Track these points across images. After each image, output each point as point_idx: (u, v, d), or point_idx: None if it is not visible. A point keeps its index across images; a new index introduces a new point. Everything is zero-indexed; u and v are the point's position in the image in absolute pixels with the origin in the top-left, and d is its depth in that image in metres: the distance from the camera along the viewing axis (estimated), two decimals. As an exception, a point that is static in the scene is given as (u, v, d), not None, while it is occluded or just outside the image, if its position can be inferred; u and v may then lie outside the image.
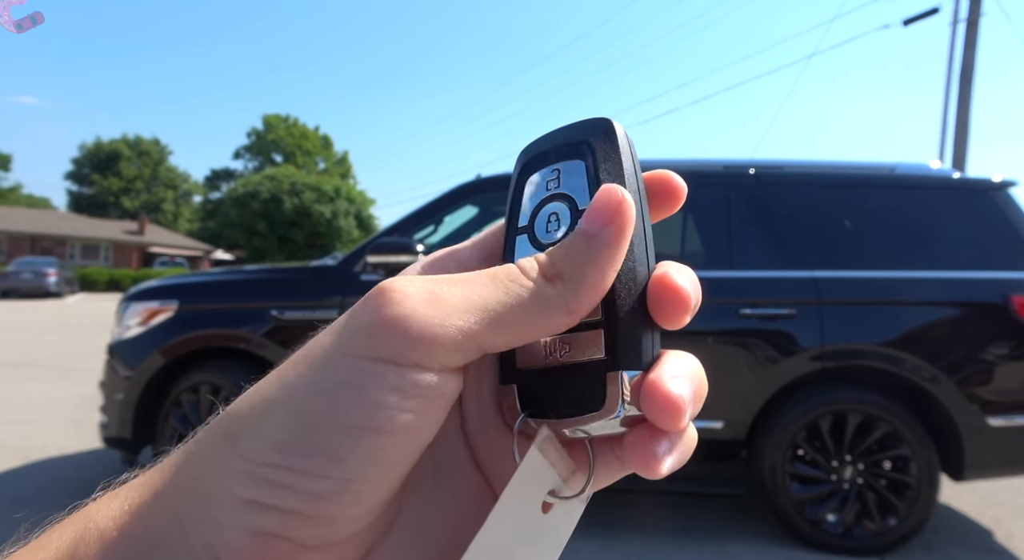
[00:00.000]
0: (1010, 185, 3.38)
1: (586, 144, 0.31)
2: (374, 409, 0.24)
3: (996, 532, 3.51)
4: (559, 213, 0.31)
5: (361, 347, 0.25)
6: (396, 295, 0.26)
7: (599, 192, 0.29)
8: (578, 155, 0.31)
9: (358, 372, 0.25)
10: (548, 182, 0.32)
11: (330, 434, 0.24)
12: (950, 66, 12.03)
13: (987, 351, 3.16)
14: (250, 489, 0.24)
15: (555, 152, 0.32)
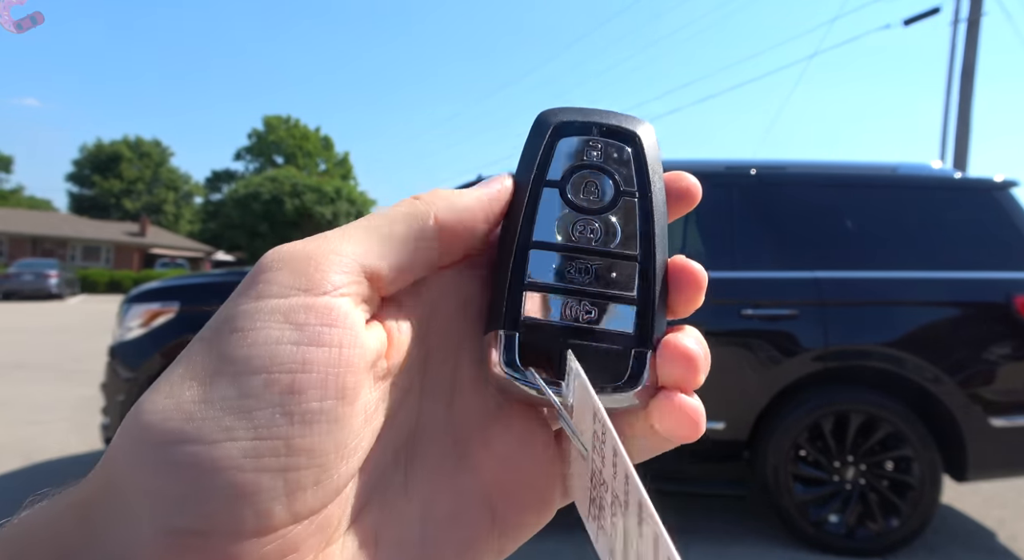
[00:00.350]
0: (1012, 185, 3.37)
1: (633, 135, 0.33)
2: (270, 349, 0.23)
3: (999, 533, 3.50)
4: (598, 182, 0.32)
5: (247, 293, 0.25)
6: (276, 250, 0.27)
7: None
8: (626, 141, 0.32)
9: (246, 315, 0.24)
10: (589, 150, 0.32)
11: (230, 385, 0.23)
12: (951, 66, 12.02)
13: (990, 351, 3.16)
14: (150, 479, 0.22)
15: (598, 128, 0.33)
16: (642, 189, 0.32)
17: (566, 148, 0.32)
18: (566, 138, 0.32)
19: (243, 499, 0.22)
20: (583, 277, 0.30)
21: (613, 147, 0.32)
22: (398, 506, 0.28)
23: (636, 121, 0.33)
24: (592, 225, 0.31)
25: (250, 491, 0.22)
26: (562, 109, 0.34)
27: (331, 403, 0.24)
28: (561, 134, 0.32)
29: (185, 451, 0.22)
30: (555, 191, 0.31)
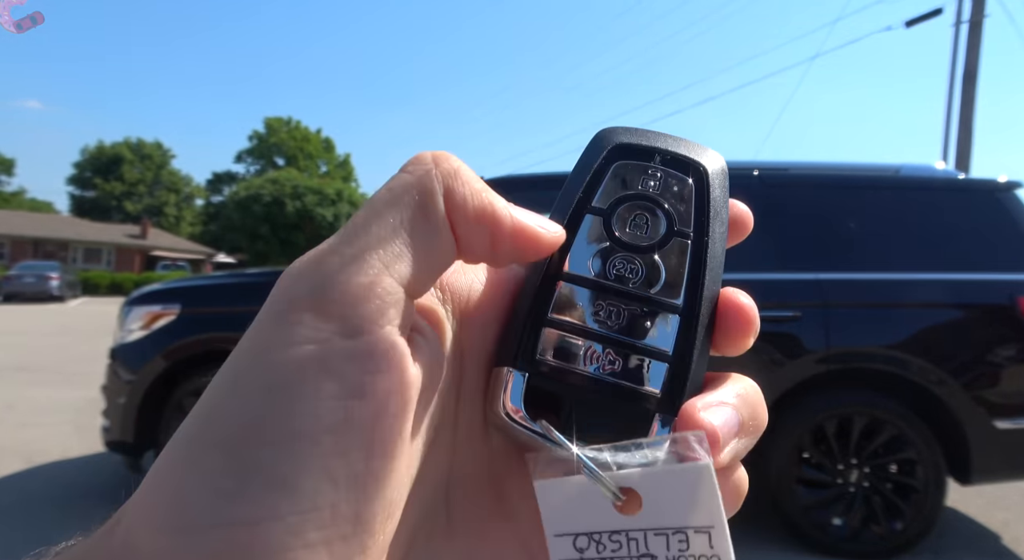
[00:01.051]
0: (1016, 186, 3.36)
1: (700, 167, 0.29)
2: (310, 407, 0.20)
3: (1003, 536, 3.49)
4: (650, 218, 0.28)
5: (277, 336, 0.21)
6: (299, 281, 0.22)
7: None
8: (688, 173, 0.29)
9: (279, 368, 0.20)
10: (645, 180, 0.29)
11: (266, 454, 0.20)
12: (953, 67, 12.01)
13: (994, 353, 3.15)
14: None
15: (662, 155, 0.29)
16: (699, 230, 0.28)
17: (620, 173, 0.29)
18: (622, 162, 0.29)
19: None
20: (613, 321, 0.27)
21: (673, 179, 0.29)
22: (441, 551, 0.26)
23: (705, 151, 0.30)
24: (633, 263, 0.27)
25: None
26: (624, 129, 0.30)
27: (377, 462, 0.21)
28: (617, 157, 0.29)
29: (226, 536, 0.19)
30: (599, 220, 0.28)
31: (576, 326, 0.26)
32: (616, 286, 0.27)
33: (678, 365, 0.26)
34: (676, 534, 0.24)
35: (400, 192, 0.23)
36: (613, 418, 0.26)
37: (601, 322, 0.27)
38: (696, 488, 0.24)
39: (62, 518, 3.31)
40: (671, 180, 0.29)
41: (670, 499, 0.24)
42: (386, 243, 0.23)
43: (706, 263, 0.28)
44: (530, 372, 0.26)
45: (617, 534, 0.24)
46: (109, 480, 4.00)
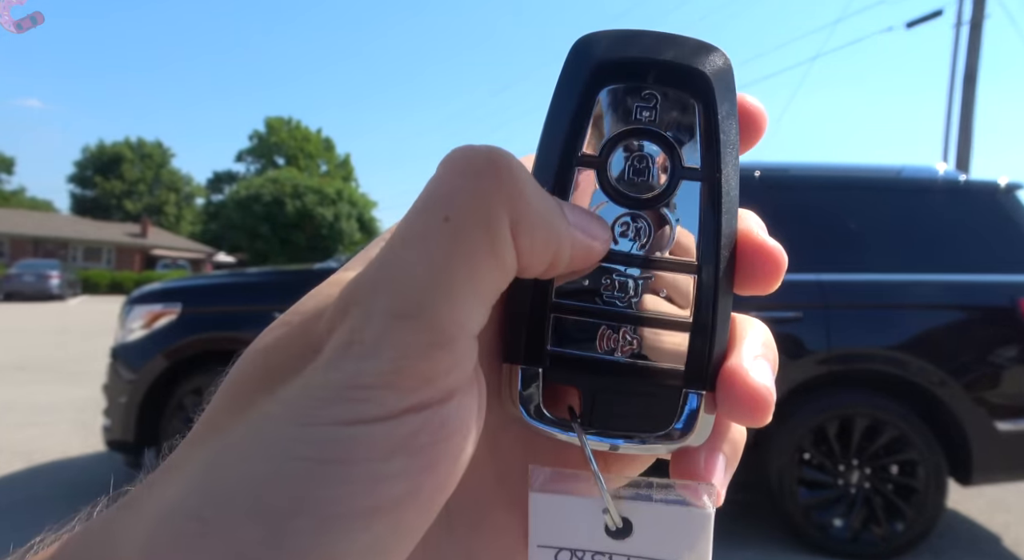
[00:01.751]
0: (1017, 188, 3.36)
1: (703, 77, 0.24)
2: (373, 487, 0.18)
3: (1004, 538, 3.49)
4: (651, 157, 0.24)
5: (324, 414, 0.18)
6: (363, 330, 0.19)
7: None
8: (692, 89, 0.24)
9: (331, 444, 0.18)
10: (638, 108, 0.24)
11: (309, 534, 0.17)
12: (953, 68, 12.01)
13: (995, 355, 3.15)
14: None
15: (654, 69, 0.24)
16: (709, 166, 0.24)
17: (610, 104, 0.24)
18: (610, 87, 0.24)
19: None
20: (625, 295, 0.24)
21: (674, 99, 0.24)
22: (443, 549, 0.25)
23: (707, 51, 0.25)
24: (639, 222, 0.24)
25: None
26: (608, 36, 0.25)
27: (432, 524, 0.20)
28: (602, 81, 0.24)
29: None
30: (591, 173, 0.24)
31: (585, 308, 0.24)
32: (622, 252, 0.24)
33: (700, 334, 0.24)
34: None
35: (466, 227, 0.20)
36: (639, 401, 0.24)
37: (611, 298, 0.24)
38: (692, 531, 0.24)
39: (63, 517, 3.31)
40: (672, 100, 0.24)
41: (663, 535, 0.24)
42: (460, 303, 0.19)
43: (721, 207, 0.24)
44: (542, 366, 0.24)
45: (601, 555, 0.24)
46: (110, 479, 4.00)
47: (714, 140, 0.24)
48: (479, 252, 0.20)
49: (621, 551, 0.24)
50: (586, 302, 0.24)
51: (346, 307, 0.20)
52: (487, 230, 0.20)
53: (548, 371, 0.24)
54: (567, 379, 0.24)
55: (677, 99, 0.24)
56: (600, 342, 0.24)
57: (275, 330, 0.22)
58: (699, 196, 0.24)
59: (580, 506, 0.24)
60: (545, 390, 0.24)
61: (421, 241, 0.20)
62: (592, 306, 0.24)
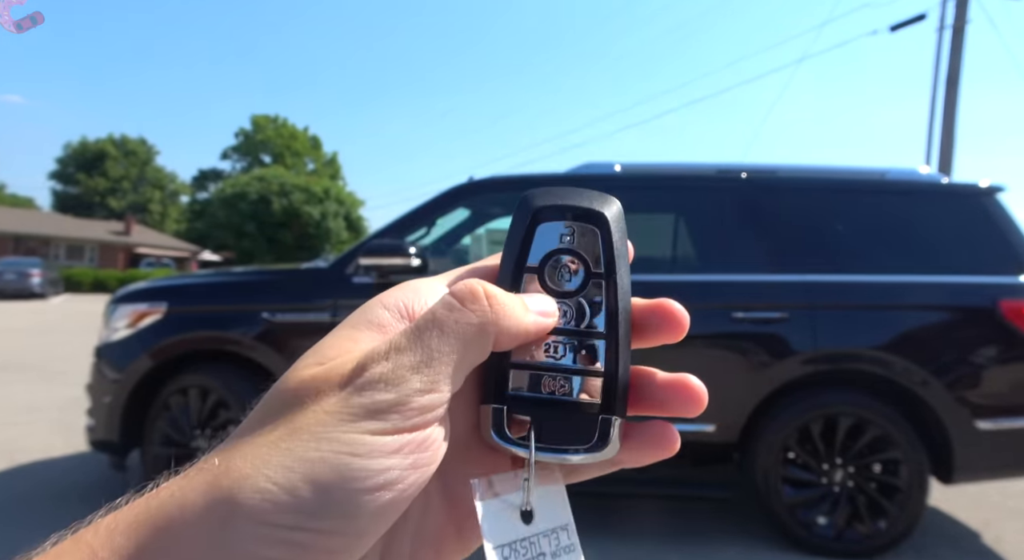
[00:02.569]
0: (998, 190, 3.41)
1: (602, 216, 0.36)
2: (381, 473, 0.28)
3: (985, 534, 3.54)
4: (572, 268, 0.36)
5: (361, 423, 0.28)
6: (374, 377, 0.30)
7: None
8: (594, 222, 0.36)
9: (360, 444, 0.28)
10: (563, 236, 0.36)
11: (342, 496, 0.27)
12: (936, 71, 12.17)
13: (976, 355, 3.19)
14: (270, 549, 0.26)
15: (571, 212, 0.36)
16: (608, 270, 0.35)
17: (544, 234, 0.36)
18: (544, 224, 0.36)
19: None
20: (559, 355, 0.35)
21: (584, 230, 0.36)
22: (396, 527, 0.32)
23: (604, 201, 0.37)
24: (565, 307, 0.35)
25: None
26: (541, 193, 0.37)
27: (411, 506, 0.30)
28: (539, 220, 0.36)
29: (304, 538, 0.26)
30: (534, 276, 0.35)
31: (532, 364, 0.35)
32: (557, 327, 0.35)
33: (609, 377, 0.34)
34: (552, 533, 0.34)
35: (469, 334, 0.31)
36: (571, 426, 0.34)
37: (550, 356, 0.35)
38: (558, 500, 0.34)
39: (45, 518, 3.27)
40: (582, 232, 0.36)
41: (546, 510, 0.34)
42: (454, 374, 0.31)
43: (617, 295, 0.35)
44: (506, 405, 0.34)
45: (523, 541, 0.33)
46: (93, 480, 3.96)
47: (610, 254, 0.36)
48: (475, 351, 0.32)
49: (531, 533, 0.33)
50: (533, 361, 0.35)
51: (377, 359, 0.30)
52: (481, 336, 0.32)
53: (509, 407, 0.34)
54: (522, 412, 0.34)
55: (586, 229, 0.36)
56: (543, 386, 0.35)
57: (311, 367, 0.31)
58: (604, 289, 0.35)
59: (505, 505, 0.33)
60: (509, 422, 0.34)
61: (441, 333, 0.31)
62: (537, 362, 0.35)
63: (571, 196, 0.37)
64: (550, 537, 0.34)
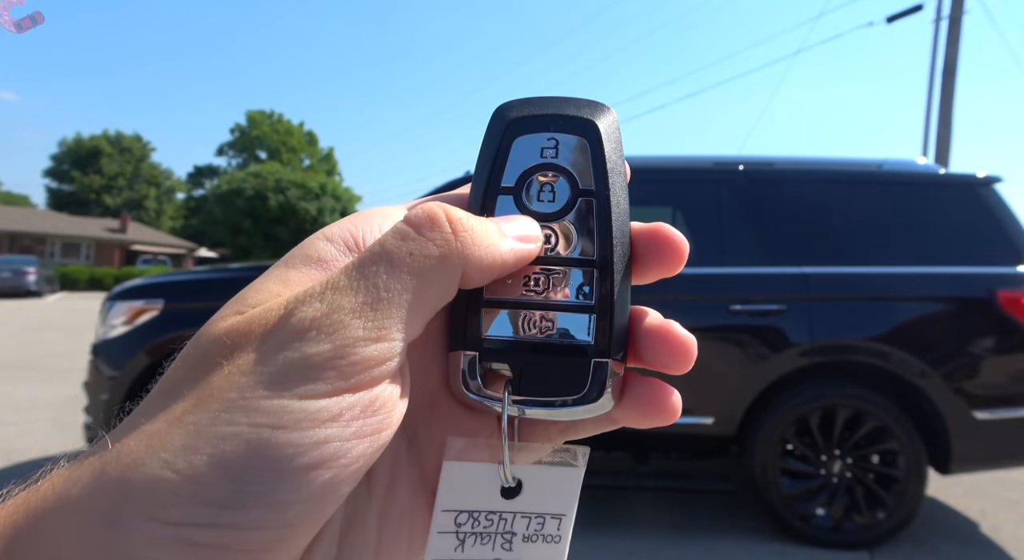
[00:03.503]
0: (995, 180, 3.41)
1: (591, 125, 0.31)
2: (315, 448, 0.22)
3: (982, 524, 3.56)
4: (555, 185, 0.30)
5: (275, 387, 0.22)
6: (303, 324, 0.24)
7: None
8: (582, 132, 0.31)
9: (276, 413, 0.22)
10: (544, 149, 0.31)
11: (263, 482, 0.21)
12: (933, 63, 12.17)
13: (973, 345, 3.20)
14: (165, 552, 0.20)
15: (553, 121, 0.31)
16: (599, 187, 0.30)
17: (522, 148, 0.31)
18: (521, 137, 0.31)
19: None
20: (540, 289, 0.29)
21: (571, 142, 0.31)
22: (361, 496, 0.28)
23: (596, 108, 0.32)
24: (548, 231, 0.30)
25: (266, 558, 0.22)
26: (519, 102, 0.32)
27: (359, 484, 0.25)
28: (516, 132, 0.31)
29: (216, 537, 0.21)
30: (509, 198, 0.30)
31: (509, 301, 0.29)
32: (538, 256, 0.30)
33: (601, 313, 0.29)
34: (537, 517, 0.29)
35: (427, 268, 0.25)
36: (560, 372, 0.29)
37: (530, 292, 0.29)
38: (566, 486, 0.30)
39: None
40: (568, 143, 0.30)
41: (544, 491, 0.29)
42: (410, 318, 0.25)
43: (611, 216, 0.30)
44: (479, 350, 0.29)
45: (493, 514, 0.29)
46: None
47: (602, 168, 0.30)
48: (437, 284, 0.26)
49: (510, 509, 0.29)
50: (510, 295, 0.29)
51: (308, 301, 0.24)
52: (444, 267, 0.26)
53: (483, 354, 0.29)
54: (499, 359, 0.29)
55: (572, 141, 0.31)
56: (523, 327, 0.29)
57: (228, 318, 0.25)
58: (595, 208, 0.30)
59: (482, 471, 0.29)
60: (483, 372, 0.29)
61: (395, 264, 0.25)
62: (515, 299, 0.29)
63: (554, 105, 0.31)
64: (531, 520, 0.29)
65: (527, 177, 0.30)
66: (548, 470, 0.30)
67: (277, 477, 0.21)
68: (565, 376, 0.29)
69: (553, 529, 0.29)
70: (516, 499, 0.29)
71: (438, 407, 0.31)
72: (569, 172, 0.30)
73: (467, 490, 0.29)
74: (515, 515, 0.29)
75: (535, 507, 0.29)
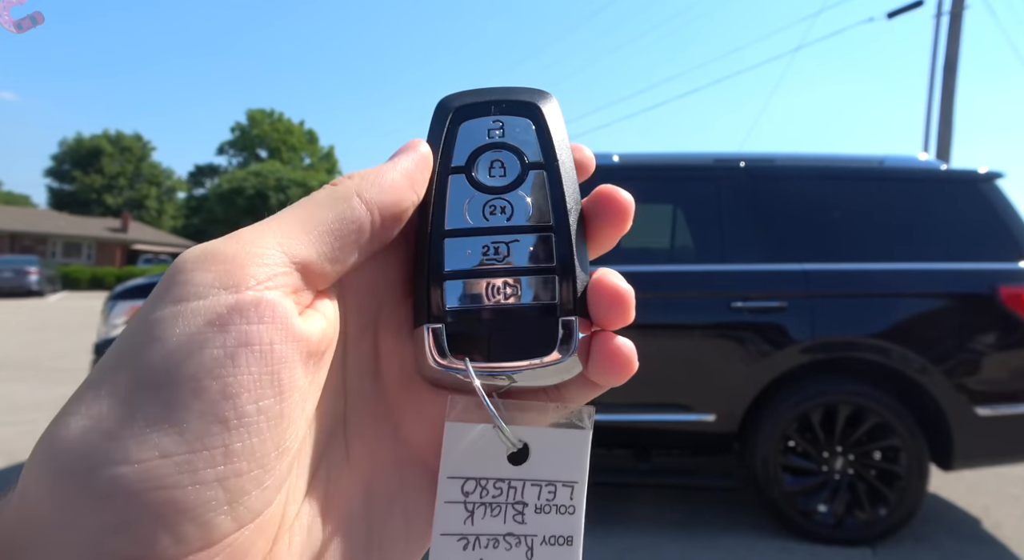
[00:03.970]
0: (997, 176, 3.40)
1: (534, 106, 0.33)
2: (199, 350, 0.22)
3: (984, 521, 3.56)
4: (504, 160, 0.32)
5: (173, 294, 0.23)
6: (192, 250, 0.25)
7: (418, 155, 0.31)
8: (525, 113, 0.32)
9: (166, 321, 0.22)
10: (490, 131, 0.32)
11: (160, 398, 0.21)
12: (934, 59, 12.13)
13: (975, 342, 3.20)
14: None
15: (497, 106, 0.32)
16: (548, 159, 0.32)
17: (469, 131, 0.32)
18: (468, 121, 0.32)
19: (183, 515, 0.21)
20: (500, 257, 0.30)
21: (515, 123, 0.32)
22: (343, 481, 0.28)
23: (537, 93, 0.33)
24: (502, 203, 0.31)
25: (190, 506, 0.21)
26: (462, 93, 0.33)
27: (268, 403, 0.23)
28: (462, 118, 0.32)
29: (111, 475, 0.20)
30: (461, 177, 0.31)
31: (470, 271, 0.30)
32: (493, 225, 0.31)
33: (563, 273, 0.30)
34: (548, 486, 0.28)
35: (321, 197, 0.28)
36: (528, 335, 0.29)
37: (490, 260, 0.30)
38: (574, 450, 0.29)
39: None
40: (513, 125, 0.32)
41: (552, 456, 0.29)
42: (287, 228, 0.26)
43: (562, 183, 0.31)
44: (444, 322, 0.29)
45: (501, 482, 0.28)
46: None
47: (548, 142, 0.32)
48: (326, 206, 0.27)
49: (518, 476, 0.28)
50: (471, 265, 0.30)
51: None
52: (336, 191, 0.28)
53: (451, 326, 0.29)
54: (466, 329, 0.29)
55: (516, 122, 0.32)
56: (487, 294, 0.30)
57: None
58: (545, 179, 0.31)
59: (487, 433, 0.28)
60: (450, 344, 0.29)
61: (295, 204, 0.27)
62: (476, 268, 0.30)
63: (496, 93, 0.33)
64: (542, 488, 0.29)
65: (476, 155, 0.32)
66: (555, 433, 0.29)
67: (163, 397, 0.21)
68: (534, 337, 0.29)
69: (566, 498, 0.29)
70: (524, 465, 0.29)
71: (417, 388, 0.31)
72: (517, 148, 0.32)
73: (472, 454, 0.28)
74: (525, 483, 0.28)
75: (545, 473, 0.29)
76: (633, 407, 3.15)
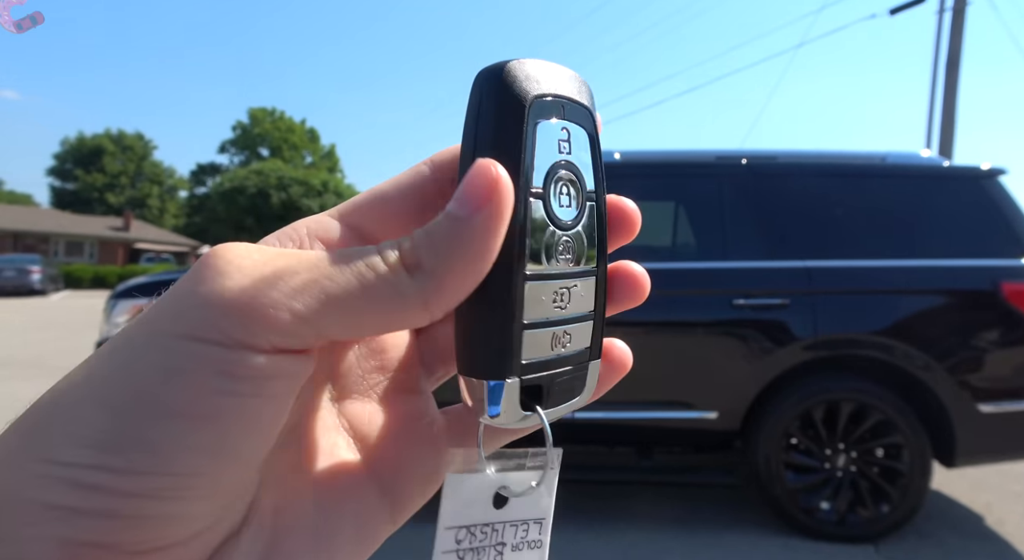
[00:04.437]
0: (999, 173, 3.40)
1: (590, 115, 0.28)
2: (195, 394, 0.22)
3: (987, 517, 3.56)
4: (571, 187, 0.27)
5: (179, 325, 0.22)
6: (223, 265, 0.23)
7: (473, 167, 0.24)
8: (583, 123, 0.27)
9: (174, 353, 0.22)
10: (560, 142, 0.26)
11: (146, 425, 0.21)
12: (936, 55, 12.10)
13: (978, 338, 3.19)
14: (56, 494, 0.21)
15: (567, 106, 0.27)
16: (599, 189, 0.28)
17: (544, 138, 0.26)
18: (544, 121, 0.26)
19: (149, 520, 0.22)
20: (563, 304, 0.27)
21: (577, 134, 0.27)
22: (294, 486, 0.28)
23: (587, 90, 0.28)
24: (570, 242, 0.27)
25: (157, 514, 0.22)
26: (524, 68, 0.26)
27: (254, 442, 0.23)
28: (539, 115, 0.26)
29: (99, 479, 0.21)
30: (540, 203, 0.26)
31: (546, 321, 0.27)
32: (566, 272, 0.27)
33: (598, 318, 0.29)
34: (523, 524, 0.30)
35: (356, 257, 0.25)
36: (568, 379, 0.29)
37: (556, 306, 0.27)
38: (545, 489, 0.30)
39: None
40: (576, 135, 0.27)
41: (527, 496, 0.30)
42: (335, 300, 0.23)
43: (604, 218, 0.29)
44: (520, 376, 0.27)
45: (486, 526, 0.29)
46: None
47: (599, 165, 0.28)
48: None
49: (500, 518, 0.29)
50: (545, 315, 0.27)
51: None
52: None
53: (525, 379, 0.27)
54: (535, 380, 0.27)
55: (577, 133, 0.27)
56: (553, 345, 0.27)
57: None
58: (595, 214, 0.28)
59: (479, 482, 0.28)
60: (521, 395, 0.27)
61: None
62: (549, 319, 0.27)
63: (558, 80, 0.27)
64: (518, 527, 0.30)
65: (551, 176, 0.26)
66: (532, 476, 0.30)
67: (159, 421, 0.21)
68: (572, 381, 0.29)
69: (536, 534, 0.30)
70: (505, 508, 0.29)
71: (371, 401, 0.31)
72: (580, 172, 0.27)
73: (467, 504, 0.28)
74: (505, 524, 0.29)
75: (521, 513, 0.30)
76: (635, 404, 3.15)
